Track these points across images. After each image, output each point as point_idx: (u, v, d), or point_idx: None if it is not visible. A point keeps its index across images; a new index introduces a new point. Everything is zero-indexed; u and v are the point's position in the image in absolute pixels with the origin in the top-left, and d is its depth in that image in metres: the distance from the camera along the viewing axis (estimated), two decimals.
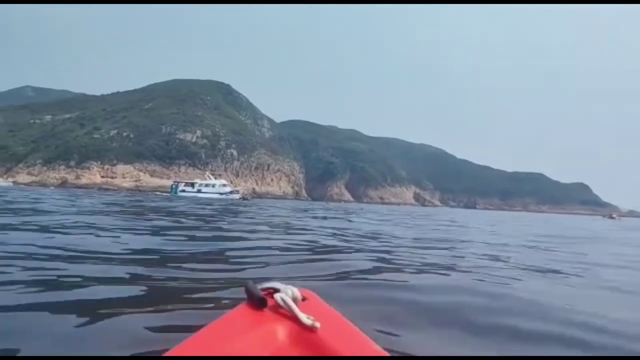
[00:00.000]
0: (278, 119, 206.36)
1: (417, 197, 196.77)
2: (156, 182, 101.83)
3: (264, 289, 1.30)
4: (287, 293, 1.25)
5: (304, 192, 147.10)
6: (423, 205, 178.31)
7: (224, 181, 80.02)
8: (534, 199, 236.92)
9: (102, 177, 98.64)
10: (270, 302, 1.23)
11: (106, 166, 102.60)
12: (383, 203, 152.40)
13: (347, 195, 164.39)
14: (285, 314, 1.19)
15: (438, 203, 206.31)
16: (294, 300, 1.23)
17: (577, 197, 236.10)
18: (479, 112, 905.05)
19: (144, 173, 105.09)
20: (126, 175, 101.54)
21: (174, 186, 74.30)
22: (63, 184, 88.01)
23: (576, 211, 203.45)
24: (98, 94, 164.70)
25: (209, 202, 32.80)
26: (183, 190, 70.00)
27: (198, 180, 76.95)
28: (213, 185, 72.94)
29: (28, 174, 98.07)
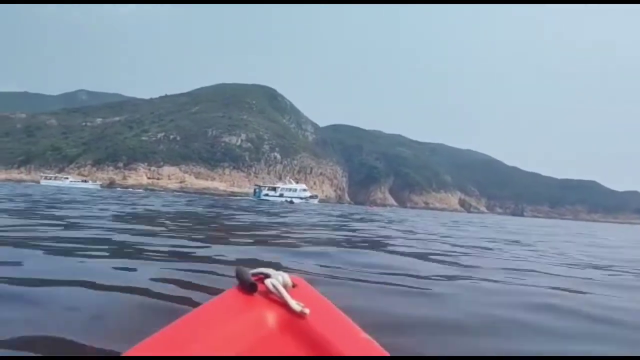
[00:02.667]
0: (322, 123, 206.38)
1: (462, 203, 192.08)
2: (201, 184, 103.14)
3: (254, 274, 1.32)
4: (277, 279, 1.25)
5: (346, 196, 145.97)
6: (469, 211, 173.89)
7: (304, 186, 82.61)
8: (585, 207, 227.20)
9: (149, 178, 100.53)
10: (260, 287, 1.24)
11: (152, 168, 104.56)
12: (428, 208, 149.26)
13: (391, 200, 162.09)
14: (275, 299, 1.20)
15: (484, 209, 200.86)
16: (285, 286, 1.24)
17: (631, 206, 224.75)
18: (531, 118, 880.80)
19: (189, 175, 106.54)
20: (172, 177, 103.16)
21: (256, 190, 75.91)
22: (111, 185, 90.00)
23: (630, 220, 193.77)
24: (147, 97, 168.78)
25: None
26: (267, 195, 71.76)
27: (280, 185, 79.72)
28: (294, 190, 74.69)
29: (78, 174, 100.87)
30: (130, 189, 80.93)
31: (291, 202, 62.41)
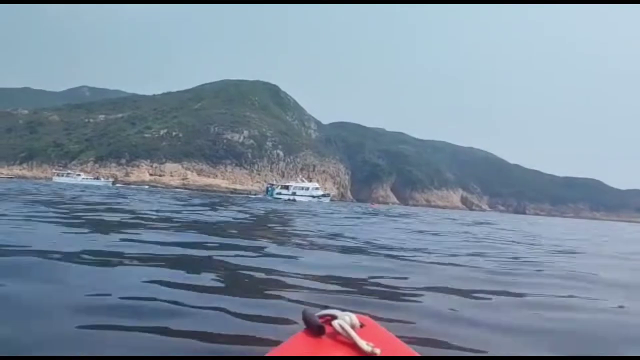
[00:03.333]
0: (325, 120, 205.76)
1: (464, 201, 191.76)
2: (203, 180, 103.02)
3: (321, 316, 1.30)
4: (344, 320, 1.24)
5: (349, 193, 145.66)
6: (470, 209, 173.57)
7: (316, 184, 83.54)
8: (587, 205, 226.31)
9: (151, 175, 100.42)
10: (328, 329, 1.22)
11: (155, 164, 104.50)
12: (429, 206, 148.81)
13: (393, 198, 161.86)
14: (344, 340, 1.18)
15: (486, 207, 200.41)
16: (352, 326, 1.22)
17: (634, 204, 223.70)
18: (532, 115, 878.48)
19: (192, 172, 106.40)
20: (174, 174, 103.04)
21: (269, 188, 76.31)
22: (113, 181, 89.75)
23: (632, 219, 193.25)
24: (150, 94, 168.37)
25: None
26: (279, 193, 71.54)
27: (293, 183, 79.50)
28: (307, 189, 75.77)
29: (81, 170, 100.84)
30: (146, 186, 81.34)
31: (293, 200, 62.34)
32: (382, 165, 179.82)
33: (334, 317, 1.26)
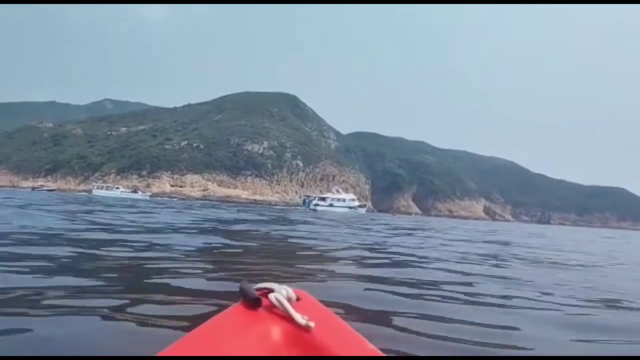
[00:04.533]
0: (344, 130, 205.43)
1: (487, 211, 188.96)
2: (224, 191, 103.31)
3: (258, 289, 1.30)
4: (281, 293, 1.24)
5: (370, 203, 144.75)
6: (494, 219, 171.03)
7: (352, 195, 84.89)
8: (614, 214, 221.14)
9: (172, 186, 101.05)
10: (264, 302, 1.23)
11: (175, 176, 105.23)
12: (452, 217, 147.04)
13: (415, 208, 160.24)
14: (279, 313, 1.19)
15: (510, 217, 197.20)
16: (289, 300, 1.23)
17: None
18: (555, 123, 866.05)
19: (212, 183, 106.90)
20: (195, 185, 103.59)
21: (306, 200, 77.54)
22: (134, 192, 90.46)
23: None
24: (171, 106, 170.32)
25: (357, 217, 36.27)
26: (317, 204, 72.69)
27: (330, 195, 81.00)
28: (344, 200, 77.27)
29: (102, 182, 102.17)
30: (181, 199, 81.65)
31: (315, 210, 62.17)
32: (403, 174, 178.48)
33: (271, 290, 1.27)
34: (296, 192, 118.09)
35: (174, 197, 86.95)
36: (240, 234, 10.45)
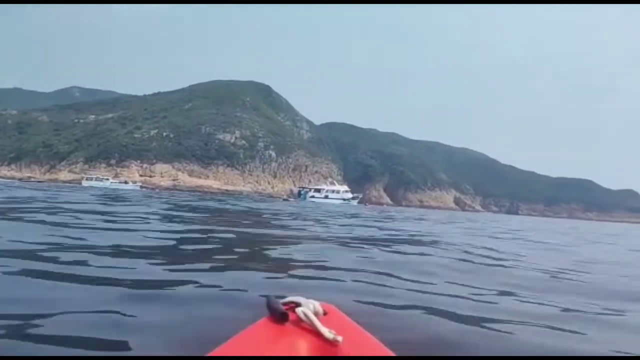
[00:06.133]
0: (317, 121, 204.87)
1: (457, 201, 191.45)
2: (194, 181, 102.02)
3: (285, 303, 1.30)
4: (308, 307, 1.24)
5: None
6: (463, 209, 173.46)
7: (346, 187, 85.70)
8: (581, 205, 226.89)
9: (141, 175, 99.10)
10: (291, 316, 1.22)
11: (145, 165, 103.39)
12: (422, 207, 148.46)
13: (386, 199, 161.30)
14: (307, 328, 1.18)
15: (479, 208, 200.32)
16: (316, 314, 1.22)
17: (626, 204, 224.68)
18: (526, 117, 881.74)
19: (183, 172, 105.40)
20: (164, 175, 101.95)
21: (302, 192, 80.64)
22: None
23: (625, 219, 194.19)
24: (141, 94, 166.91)
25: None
26: (313, 196, 75.53)
27: (325, 187, 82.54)
28: (338, 192, 78.47)
29: (69, 171, 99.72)
30: (160, 190, 79.86)
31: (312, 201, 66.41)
32: (375, 165, 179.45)
33: (298, 305, 1.26)
34: (269, 183, 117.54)
35: (172, 189, 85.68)
36: None
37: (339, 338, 1.11)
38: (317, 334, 1.14)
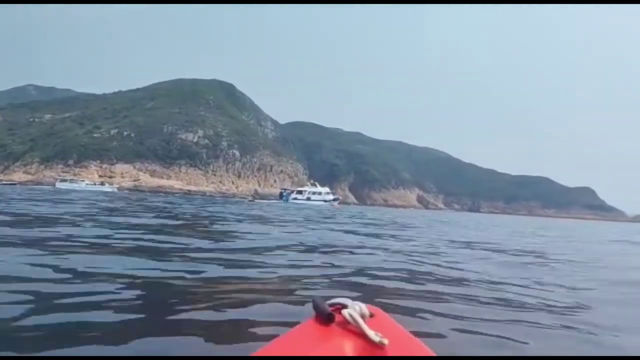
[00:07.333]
0: (282, 120, 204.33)
1: (420, 200, 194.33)
2: (156, 182, 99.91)
3: (331, 305, 1.30)
4: (354, 309, 1.24)
5: None
6: (427, 208, 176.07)
7: (327, 189, 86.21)
8: (539, 202, 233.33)
9: (100, 176, 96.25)
10: (338, 318, 1.22)
11: (105, 165, 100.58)
12: (387, 205, 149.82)
13: (351, 198, 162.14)
14: (353, 330, 1.18)
15: (442, 206, 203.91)
16: (362, 316, 1.22)
17: (582, 202, 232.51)
18: (485, 114, 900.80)
19: (144, 173, 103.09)
20: (125, 175, 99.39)
21: (284, 193, 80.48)
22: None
23: (581, 215, 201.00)
24: (100, 93, 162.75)
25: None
26: (295, 198, 75.53)
27: (307, 189, 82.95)
28: (320, 193, 79.36)
29: (24, 172, 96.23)
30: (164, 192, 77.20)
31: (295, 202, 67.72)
32: (340, 165, 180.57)
33: (344, 306, 1.26)
34: (232, 183, 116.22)
35: (160, 191, 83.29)
36: None
37: (385, 341, 1.11)
38: (363, 336, 1.14)
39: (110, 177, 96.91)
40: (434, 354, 1.12)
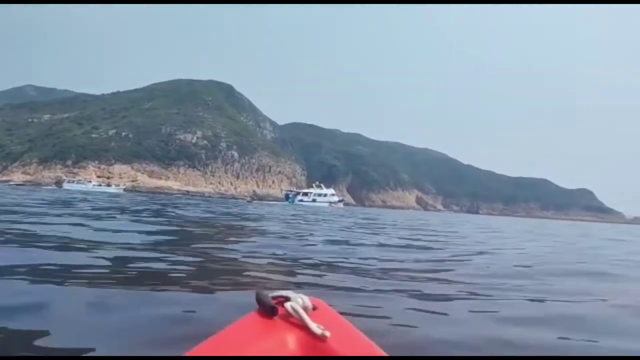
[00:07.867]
0: (280, 121, 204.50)
1: (419, 201, 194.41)
2: (154, 182, 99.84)
3: (274, 297, 1.30)
4: (297, 302, 1.24)
5: None
6: (425, 209, 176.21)
7: (332, 190, 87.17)
8: (538, 204, 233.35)
9: (98, 176, 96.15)
10: (280, 310, 1.23)
11: (103, 166, 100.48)
12: (385, 207, 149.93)
13: (350, 199, 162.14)
14: (295, 322, 1.19)
15: (441, 207, 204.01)
16: (305, 309, 1.23)
17: (581, 203, 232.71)
18: (484, 116, 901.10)
19: (142, 173, 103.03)
20: (123, 176, 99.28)
21: (289, 195, 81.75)
22: (58, 184, 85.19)
23: (580, 217, 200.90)
24: (99, 93, 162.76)
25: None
26: (301, 200, 76.87)
27: (312, 190, 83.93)
28: (325, 195, 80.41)
29: (23, 172, 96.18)
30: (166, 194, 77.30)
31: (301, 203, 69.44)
32: (338, 165, 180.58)
33: (287, 299, 1.27)
34: (231, 184, 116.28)
35: (161, 192, 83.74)
36: None
37: (327, 333, 1.11)
38: (306, 328, 1.14)
39: (109, 177, 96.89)
40: (377, 347, 1.13)
